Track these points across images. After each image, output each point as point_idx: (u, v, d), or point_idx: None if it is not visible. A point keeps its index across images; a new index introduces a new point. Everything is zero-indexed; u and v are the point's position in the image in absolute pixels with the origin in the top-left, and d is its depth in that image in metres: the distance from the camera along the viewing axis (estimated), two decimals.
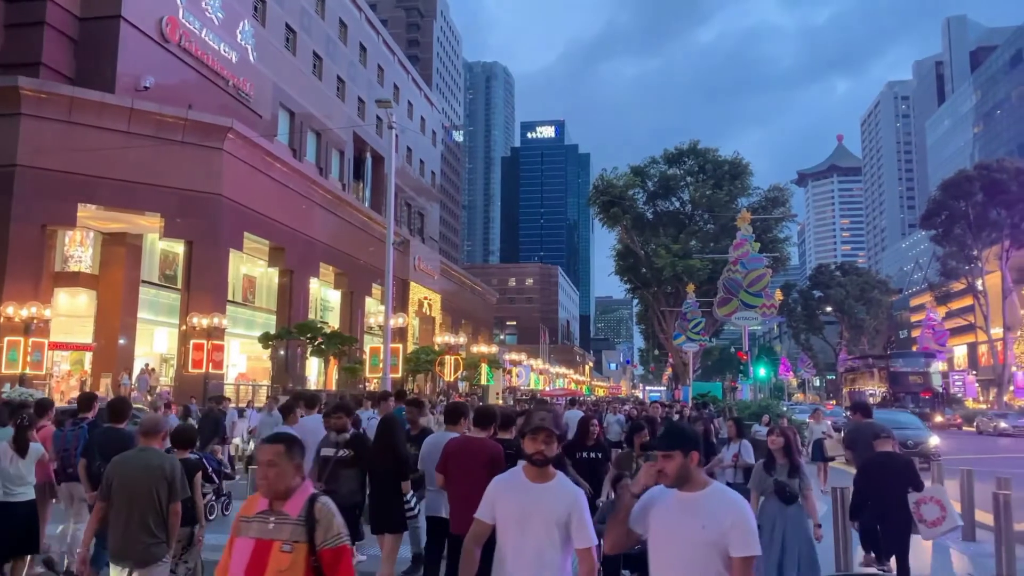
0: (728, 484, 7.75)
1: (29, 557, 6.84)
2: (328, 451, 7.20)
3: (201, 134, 28.56)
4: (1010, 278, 53.90)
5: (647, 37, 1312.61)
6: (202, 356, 27.04)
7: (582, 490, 3.54)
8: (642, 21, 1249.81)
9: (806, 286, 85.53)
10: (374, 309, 43.70)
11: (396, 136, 22.32)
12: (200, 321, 27.34)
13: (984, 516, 9.77)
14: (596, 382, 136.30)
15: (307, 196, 36.47)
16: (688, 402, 30.11)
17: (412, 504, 7.05)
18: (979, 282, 54.13)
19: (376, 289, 42.42)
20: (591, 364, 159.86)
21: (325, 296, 42.67)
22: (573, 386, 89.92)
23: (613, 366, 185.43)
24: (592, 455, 7.90)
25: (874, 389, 46.16)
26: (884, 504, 7.03)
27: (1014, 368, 54.93)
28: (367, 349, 33.45)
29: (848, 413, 18.33)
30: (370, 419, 9.97)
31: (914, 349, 69.77)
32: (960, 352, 76.60)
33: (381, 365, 20.33)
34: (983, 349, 62.81)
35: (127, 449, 5.34)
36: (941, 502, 6.88)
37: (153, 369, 27.70)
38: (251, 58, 36.11)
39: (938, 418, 39.61)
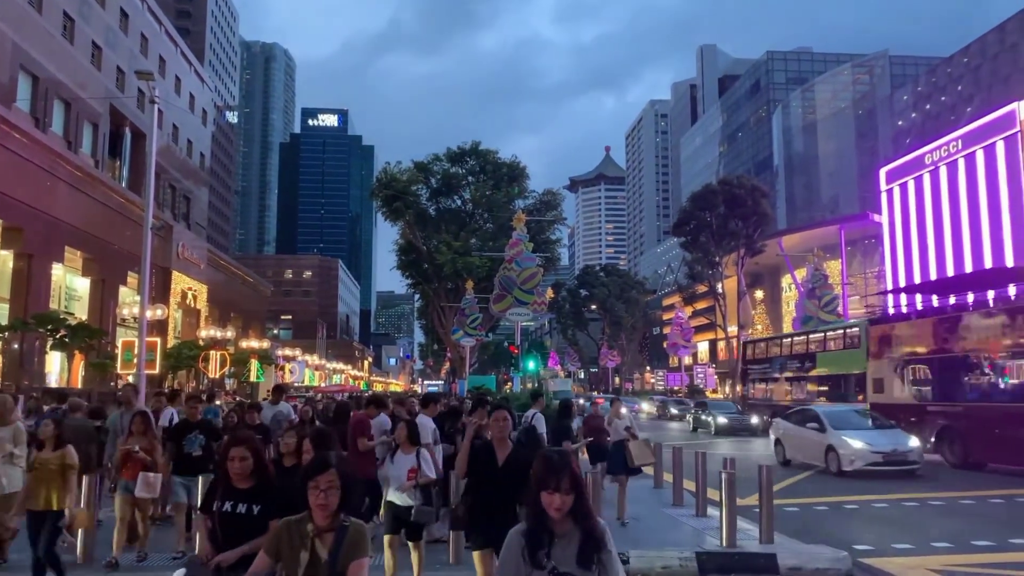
0: (408, 509, 6.38)
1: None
2: None
3: None
4: (744, 282, 61.05)
5: (430, 38, 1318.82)
6: None
7: None
8: (425, 21, 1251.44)
9: (574, 285, 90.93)
10: (129, 299, 40.06)
11: (159, 111, 20.63)
12: None
13: (713, 493, 11.00)
14: (375, 378, 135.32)
15: (51, 171, 32.64)
16: (464, 395, 30.29)
17: None
18: (719, 285, 60.57)
19: (132, 278, 38.98)
20: (371, 359, 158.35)
21: (71, 284, 38.49)
22: (351, 382, 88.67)
23: (393, 361, 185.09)
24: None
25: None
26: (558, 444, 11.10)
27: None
28: (120, 343, 30.62)
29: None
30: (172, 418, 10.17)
31: (664, 345, 76.23)
32: (703, 347, 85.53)
33: (135, 361, 18.65)
34: (721, 345, 70.46)
35: None
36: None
37: None
38: None
39: None
